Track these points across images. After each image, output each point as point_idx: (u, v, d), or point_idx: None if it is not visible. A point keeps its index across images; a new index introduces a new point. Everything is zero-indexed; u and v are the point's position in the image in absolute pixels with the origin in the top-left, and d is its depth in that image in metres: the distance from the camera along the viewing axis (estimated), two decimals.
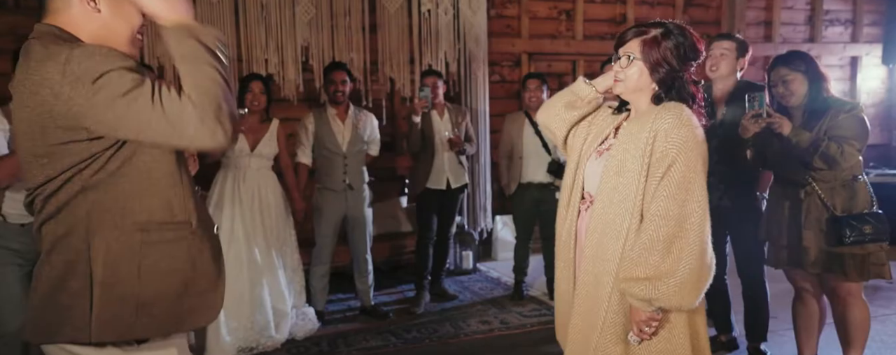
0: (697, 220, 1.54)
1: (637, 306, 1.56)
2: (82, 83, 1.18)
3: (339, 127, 3.55)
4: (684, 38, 1.63)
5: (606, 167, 1.64)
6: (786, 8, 5.80)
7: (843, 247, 2.38)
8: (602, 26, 5.20)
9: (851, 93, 6.06)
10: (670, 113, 1.58)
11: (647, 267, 1.52)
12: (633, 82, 1.64)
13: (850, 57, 6.02)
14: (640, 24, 1.68)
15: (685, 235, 1.52)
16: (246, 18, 4.17)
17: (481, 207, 4.79)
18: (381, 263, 4.23)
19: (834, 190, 2.44)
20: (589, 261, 1.66)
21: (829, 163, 2.36)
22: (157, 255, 1.30)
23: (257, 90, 3.27)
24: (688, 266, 1.52)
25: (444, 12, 4.62)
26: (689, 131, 1.57)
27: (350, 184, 3.54)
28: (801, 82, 2.47)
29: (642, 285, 1.53)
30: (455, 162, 3.88)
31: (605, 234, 1.62)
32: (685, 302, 1.54)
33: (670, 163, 1.54)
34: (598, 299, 1.63)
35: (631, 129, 1.64)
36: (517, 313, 3.72)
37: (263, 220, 3.21)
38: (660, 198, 1.53)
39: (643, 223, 1.56)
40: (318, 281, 3.59)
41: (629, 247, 1.57)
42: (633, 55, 1.62)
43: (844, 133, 2.37)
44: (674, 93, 1.63)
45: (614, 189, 1.61)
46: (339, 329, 3.51)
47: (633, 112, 1.72)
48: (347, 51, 4.41)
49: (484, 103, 4.74)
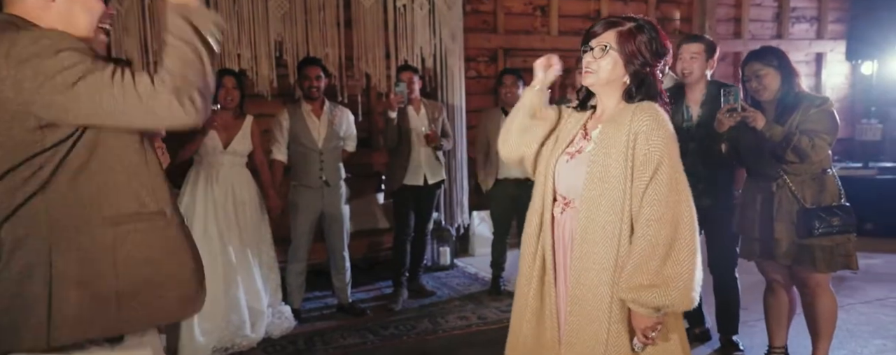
0: (689, 220, 1.54)
1: (644, 314, 1.54)
2: (28, 65, 1.15)
3: (315, 123, 3.51)
4: (656, 33, 1.64)
5: (589, 173, 1.61)
6: (754, 5, 5.92)
7: (812, 238, 2.44)
8: (576, 22, 5.24)
9: (816, 89, 6.21)
10: (646, 114, 1.58)
11: (649, 273, 1.50)
12: (606, 73, 1.62)
13: (816, 53, 6.18)
14: (611, 17, 1.68)
15: (681, 237, 1.52)
16: (217, 12, 4.08)
17: (458, 203, 4.79)
18: (357, 260, 4.20)
19: (804, 183, 2.50)
20: (579, 272, 1.61)
21: (801, 156, 2.42)
22: (131, 246, 1.27)
23: (230, 85, 3.20)
24: (689, 267, 1.52)
25: (420, 7, 4.59)
26: (667, 131, 1.57)
27: (326, 181, 3.50)
28: (774, 77, 2.52)
29: (651, 292, 1.50)
30: (432, 157, 3.87)
31: (595, 242, 1.58)
32: (690, 303, 1.54)
33: (656, 165, 1.53)
34: (597, 312, 1.58)
35: (607, 132, 1.62)
36: (495, 308, 3.74)
37: (238, 218, 3.16)
38: (652, 202, 1.52)
39: (637, 228, 1.54)
40: (294, 278, 3.55)
41: (625, 253, 1.55)
42: (608, 45, 1.61)
43: (815, 127, 2.43)
44: (644, 89, 1.63)
45: (601, 195, 1.58)
46: (315, 327, 3.48)
47: (601, 110, 1.70)
48: (322, 46, 4.35)
49: (460, 99, 4.73)
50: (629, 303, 1.55)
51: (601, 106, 1.70)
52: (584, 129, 1.71)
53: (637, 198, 1.54)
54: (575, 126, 1.73)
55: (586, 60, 1.65)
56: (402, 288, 3.89)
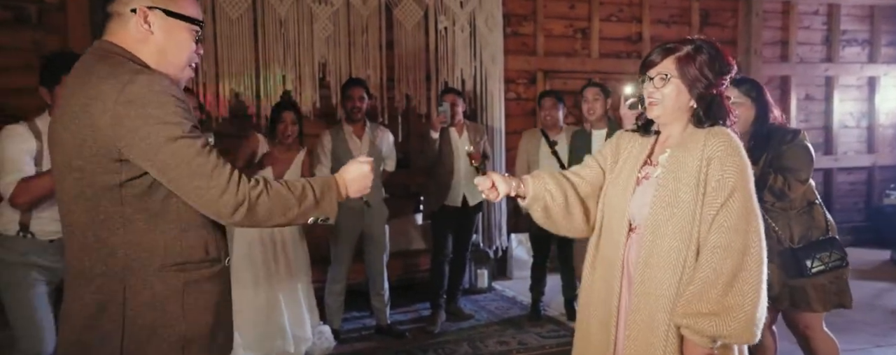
0: (757, 251, 1.48)
1: (699, 343, 1.48)
2: (134, 106, 1.20)
3: (357, 144, 3.53)
4: (716, 51, 1.59)
5: (656, 198, 1.56)
6: (802, 28, 5.78)
7: (805, 278, 2.30)
8: (618, 44, 5.20)
9: (869, 114, 6.01)
10: (720, 139, 1.53)
11: (709, 302, 1.45)
12: (671, 102, 1.58)
13: (868, 77, 5.98)
14: (665, 43, 1.62)
15: (748, 268, 1.46)
16: (264, 34, 4.19)
17: (496, 225, 4.75)
18: (393, 281, 4.18)
19: (791, 219, 2.37)
20: (639, 297, 1.57)
21: (777, 196, 2.32)
22: (198, 293, 1.32)
23: (289, 120, 3.24)
24: (752, 300, 1.46)
25: (461, 29, 4.63)
26: (742, 159, 1.52)
27: (367, 202, 3.51)
28: (749, 108, 2.39)
29: (708, 321, 1.45)
30: (472, 179, 3.84)
31: (658, 268, 1.54)
32: (752, 337, 1.47)
33: (730, 192, 1.48)
34: (654, 339, 1.54)
35: (677, 156, 1.57)
36: (535, 334, 3.65)
37: (284, 247, 3.18)
38: (722, 230, 1.47)
39: (703, 255, 1.49)
40: (334, 299, 3.55)
41: (687, 280, 1.50)
42: (668, 74, 1.57)
43: (789, 164, 2.31)
44: (713, 111, 1.58)
45: (668, 220, 1.53)
46: (355, 347, 3.45)
47: (666, 135, 1.65)
48: (364, 67, 4.41)
49: (500, 121, 4.72)
50: (684, 330, 1.49)
51: (666, 131, 1.66)
52: (650, 155, 1.67)
53: (706, 225, 1.49)
54: (640, 152, 1.69)
55: (648, 91, 1.60)
56: (440, 310, 3.85)
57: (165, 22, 1.33)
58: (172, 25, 1.34)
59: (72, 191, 1.27)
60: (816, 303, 2.33)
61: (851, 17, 5.90)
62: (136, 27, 1.32)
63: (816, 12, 5.82)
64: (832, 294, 2.33)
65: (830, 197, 5.77)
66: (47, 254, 2.24)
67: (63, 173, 1.28)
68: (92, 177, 1.24)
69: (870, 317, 3.77)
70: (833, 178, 5.89)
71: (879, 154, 6.03)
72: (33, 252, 2.23)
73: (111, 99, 1.20)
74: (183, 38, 1.35)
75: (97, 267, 1.27)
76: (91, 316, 1.27)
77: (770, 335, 2.56)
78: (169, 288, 1.28)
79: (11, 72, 3.59)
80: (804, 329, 2.40)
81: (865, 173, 6.04)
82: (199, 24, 1.38)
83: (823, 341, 2.41)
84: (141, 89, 1.21)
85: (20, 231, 2.21)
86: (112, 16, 1.33)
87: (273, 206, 1.28)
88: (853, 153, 6.00)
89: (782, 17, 5.71)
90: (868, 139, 6.03)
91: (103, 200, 1.25)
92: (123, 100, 1.20)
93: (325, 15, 4.31)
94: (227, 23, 4.10)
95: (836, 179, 5.92)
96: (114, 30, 1.33)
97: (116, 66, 1.25)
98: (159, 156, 1.21)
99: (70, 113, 1.26)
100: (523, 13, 4.96)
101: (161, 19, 1.32)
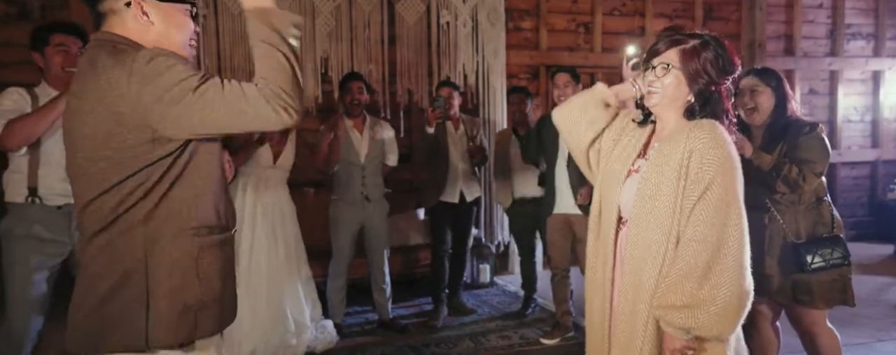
0: (735, 245, 1.48)
1: (673, 334, 1.49)
2: (149, 81, 1.22)
3: (357, 138, 3.54)
4: (723, 50, 1.58)
5: (640, 190, 1.57)
6: (807, 21, 5.75)
7: (806, 273, 2.29)
8: (620, 39, 5.18)
9: (874, 108, 5.98)
10: (704, 131, 1.52)
11: (683, 294, 1.46)
12: (669, 93, 1.57)
13: (873, 71, 5.95)
14: (674, 34, 1.61)
15: (723, 261, 1.46)
16: None
17: (497, 220, 4.75)
18: (395, 275, 4.19)
19: (798, 213, 2.36)
20: (627, 289, 1.59)
21: (791, 187, 2.30)
22: (211, 258, 1.34)
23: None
24: (727, 293, 1.45)
25: (463, 24, 4.62)
26: (724, 151, 1.51)
27: (367, 196, 3.52)
28: (769, 97, 2.39)
29: (680, 313, 1.46)
30: (469, 175, 3.85)
31: (642, 260, 1.55)
32: (725, 330, 1.48)
33: (707, 185, 1.48)
34: (634, 330, 1.56)
35: (663, 150, 1.57)
36: (537, 328, 3.66)
37: (284, 231, 3.20)
38: (697, 223, 1.47)
39: (679, 248, 1.49)
40: (335, 293, 3.56)
41: (665, 273, 1.51)
42: (671, 64, 1.56)
43: (805, 156, 2.29)
44: (709, 108, 1.57)
45: (650, 212, 1.54)
46: (357, 342, 3.47)
47: (660, 127, 1.65)
48: (366, 62, 4.41)
49: (502, 115, 4.71)
50: (660, 322, 1.51)
51: (661, 123, 1.66)
52: (644, 148, 1.67)
53: (685, 217, 1.49)
54: (635, 144, 1.69)
55: (649, 79, 1.60)
56: (441, 304, 3.86)
57: (161, 9, 1.35)
58: (169, 11, 1.36)
59: (98, 176, 1.28)
60: (819, 300, 2.32)
61: (856, 11, 5.86)
62: (135, 20, 1.33)
63: (820, 6, 5.79)
64: (836, 291, 2.32)
65: (834, 191, 5.75)
66: (54, 224, 2.27)
67: (82, 167, 1.30)
68: (119, 165, 1.26)
69: (872, 312, 3.76)
70: (837, 173, 5.87)
71: (883, 148, 6.00)
72: (41, 221, 2.27)
73: (123, 85, 1.22)
74: (181, 20, 1.38)
75: (117, 241, 1.29)
76: (112, 287, 1.28)
77: (773, 331, 2.56)
78: (185, 254, 1.31)
79: (15, 67, 3.60)
80: (809, 325, 2.40)
81: (869, 168, 6.02)
82: (192, 2, 1.40)
83: (827, 336, 2.41)
84: (145, 65, 1.23)
85: (28, 196, 2.26)
86: (106, 14, 1.34)
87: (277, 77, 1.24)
88: (857, 147, 5.98)
89: (786, 11, 5.68)
90: (872, 133, 6.01)
91: (130, 181, 1.27)
92: (136, 82, 1.22)
93: (327, 10, 4.30)
94: (230, 18, 4.11)
95: (839, 174, 5.90)
96: (112, 25, 1.35)
97: (119, 53, 1.27)
98: (194, 111, 1.21)
99: (87, 107, 1.27)
100: (526, 8, 4.94)
101: (156, 7, 1.34)
